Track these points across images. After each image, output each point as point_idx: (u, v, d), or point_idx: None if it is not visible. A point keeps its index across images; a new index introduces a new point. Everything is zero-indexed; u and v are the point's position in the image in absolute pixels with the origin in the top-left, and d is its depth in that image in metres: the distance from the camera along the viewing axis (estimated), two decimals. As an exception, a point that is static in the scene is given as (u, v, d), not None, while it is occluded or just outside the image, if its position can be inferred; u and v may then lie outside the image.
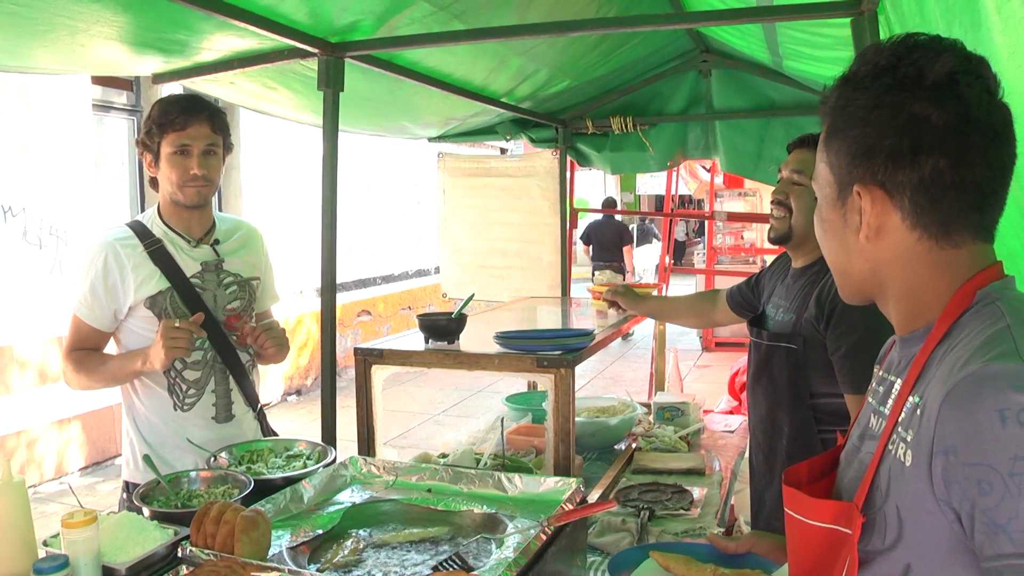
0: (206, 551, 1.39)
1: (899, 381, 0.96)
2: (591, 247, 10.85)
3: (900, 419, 0.90)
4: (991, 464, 0.76)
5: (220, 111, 2.12)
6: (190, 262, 2.12)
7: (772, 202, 2.12)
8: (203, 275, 2.13)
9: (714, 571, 1.36)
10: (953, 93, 0.87)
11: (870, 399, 1.05)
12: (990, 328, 0.85)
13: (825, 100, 0.98)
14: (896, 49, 0.91)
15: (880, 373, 1.05)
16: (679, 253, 19.61)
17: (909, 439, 0.86)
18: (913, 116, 0.88)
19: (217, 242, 2.18)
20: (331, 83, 2.53)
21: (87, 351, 2.10)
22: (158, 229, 2.12)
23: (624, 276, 9.04)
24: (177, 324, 1.94)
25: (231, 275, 2.18)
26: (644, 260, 13.85)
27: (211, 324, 2.10)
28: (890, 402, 0.96)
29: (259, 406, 2.27)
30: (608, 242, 10.53)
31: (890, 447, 0.90)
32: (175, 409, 2.09)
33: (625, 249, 10.60)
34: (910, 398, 0.90)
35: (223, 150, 2.13)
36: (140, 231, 2.10)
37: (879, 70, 0.91)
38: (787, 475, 1.05)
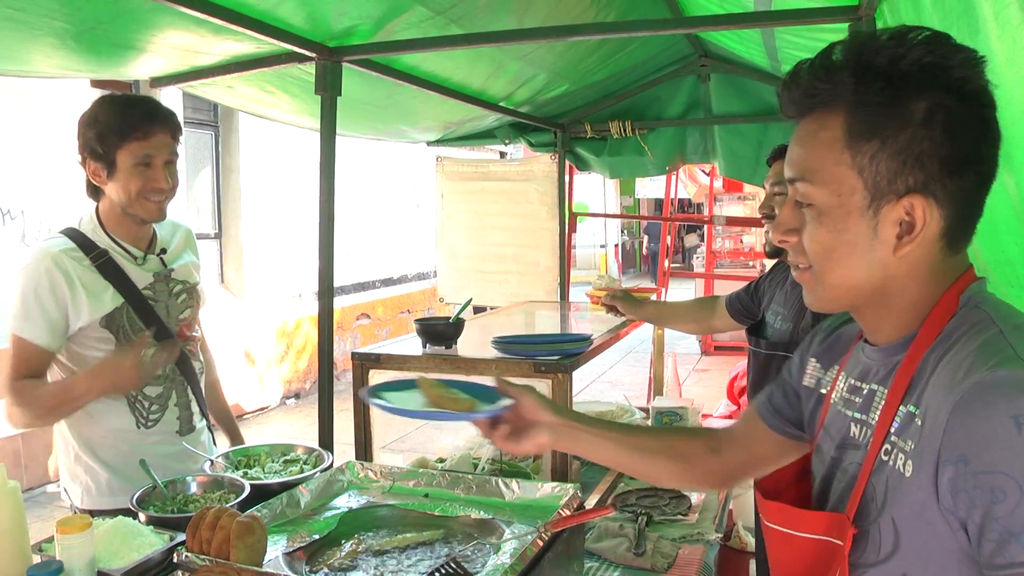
0: (202, 556, 1.39)
1: (882, 389, 0.93)
2: (648, 236, 18.33)
3: (893, 429, 0.88)
4: (1005, 471, 0.74)
5: (175, 114, 1.96)
6: (140, 273, 1.97)
7: (761, 217, 2.16)
8: (155, 286, 1.99)
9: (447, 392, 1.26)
10: (991, 101, 0.86)
11: (841, 408, 1.01)
12: (982, 334, 0.84)
13: (834, 87, 0.88)
14: (937, 49, 0.84)
15: (851, 381, 1.00)
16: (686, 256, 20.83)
17: (908, 449, 0.84)
18: (966, 123, 0.84)
19: (164, 251, 2.04)
20: (329, 87, 2.53)
21: (32, 380, 1.84)
22: (102, 241, 1.93)
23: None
24: (151, 355, 1.83)
25: (179, 283, 2.07)
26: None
27: (166, 336, 1.98)
28: (874, 411, 0.93)
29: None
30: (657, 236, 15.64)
31: (884, 457, 0.88)
32: (138, 427, 1.96)
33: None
34: (902, 407, 0.88)
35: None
36: (82, 242, 1.90)
37: (930, 69, 0.84)
38: (762, 487, 1.03)
